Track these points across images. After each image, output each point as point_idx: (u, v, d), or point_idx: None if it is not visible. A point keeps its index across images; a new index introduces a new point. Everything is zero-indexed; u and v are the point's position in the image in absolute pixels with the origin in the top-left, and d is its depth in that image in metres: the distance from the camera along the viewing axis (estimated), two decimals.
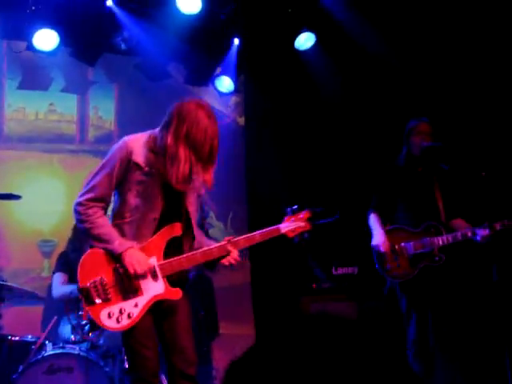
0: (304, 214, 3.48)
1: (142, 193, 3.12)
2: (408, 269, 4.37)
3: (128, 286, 3.06)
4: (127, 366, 3.20)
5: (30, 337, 4.47)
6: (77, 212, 3.12)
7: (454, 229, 4.44)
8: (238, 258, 3.26)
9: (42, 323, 5.49)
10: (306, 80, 6.74)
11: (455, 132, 5.43)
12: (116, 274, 3.06)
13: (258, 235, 3.34)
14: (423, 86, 6.11)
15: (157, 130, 3.19)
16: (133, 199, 3.12)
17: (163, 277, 3.12)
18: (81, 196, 3.14)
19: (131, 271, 3.04)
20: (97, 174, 3.14)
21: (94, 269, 3.06)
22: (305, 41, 6.43)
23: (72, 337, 4.47)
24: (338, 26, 6.25)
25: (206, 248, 3.23)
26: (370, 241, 4.53)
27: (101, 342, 4.55)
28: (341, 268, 6.00)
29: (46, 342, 4.39)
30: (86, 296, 3.01)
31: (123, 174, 3.12)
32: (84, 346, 4.49)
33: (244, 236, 3.34)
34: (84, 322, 4.42)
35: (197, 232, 3.30)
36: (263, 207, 6.53)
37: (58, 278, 5.07)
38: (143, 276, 3.07)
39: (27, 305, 5.20)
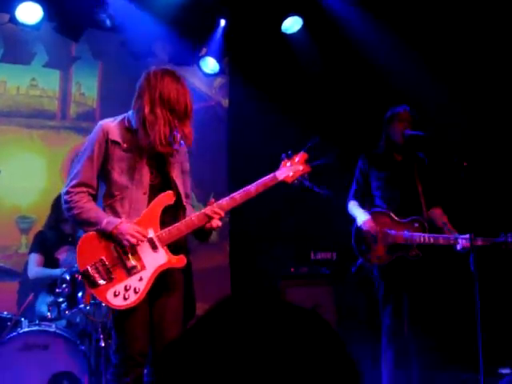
0: (300, 157, 3.40)
1: (126, 170, 3.13)
2: (384, 255, 4.34)
3: (129, 262, 3.04)
4: (115, 344, 3.15)
5: (5, 313, 4.44)
6: (65, 201, 3.11)
7: (433, 219, 4.43)
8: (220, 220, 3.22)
9: (18, 300, 5.47)
10: (292, 64, 6.71)
11: (434, 121, 5.45)
12: (115, 252, 3.05)
13: (253, 188, 3.23)
14: (405, 73, 6.11)
15: (130, 112, 3.22)
16: (118, 177, 3.12)
17: (163, 246, 3.11)
18: (67, 185, 3.14)
19: (126, 244, 3.03)
20: (78, 160, 3.17)
21: (92, 251, 3.04)
22: (292, 24, 6.39)
23: (48, 314, 4.46)
24: (326, 10, 6.22)
25: (200, 211, 3.22)
26: (352, 226, 4.51)
27: (77, 320, 4.54)
28: (320, 253, 6.05)
29: (22, 318, 4.36)
30: (88, 279, 2.99)
31: (104, 155, 3.14)
32: (60, 323, 4.49)
33: (238, 191, 3.24)
34: (61, 300, 4.41)
35: (185, 202, 3.31)
36: None
37: (34, 258, 5.02)
38: (142, 249, 3.06)
39: (2, 281, 5.15)
